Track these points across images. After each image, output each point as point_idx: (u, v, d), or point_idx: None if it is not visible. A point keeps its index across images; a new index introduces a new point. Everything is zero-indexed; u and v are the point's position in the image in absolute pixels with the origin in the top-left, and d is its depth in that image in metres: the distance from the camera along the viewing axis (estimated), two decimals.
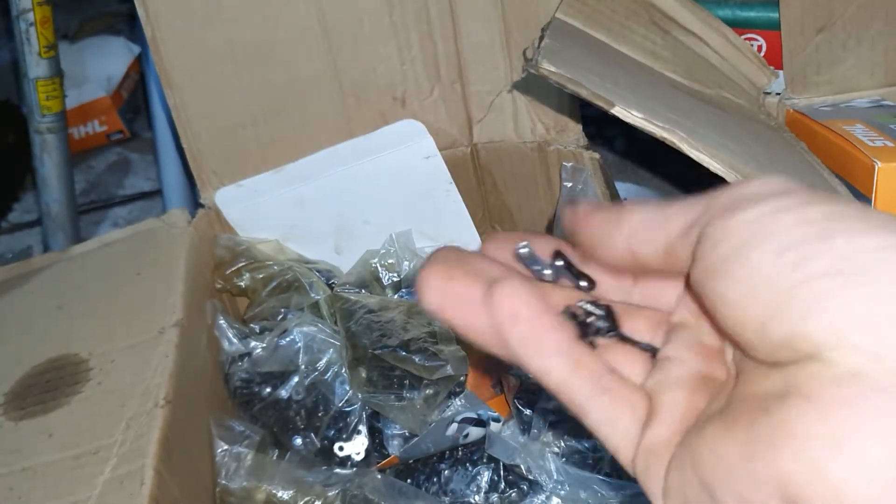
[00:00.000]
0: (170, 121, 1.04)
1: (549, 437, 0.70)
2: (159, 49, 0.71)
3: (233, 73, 0.73)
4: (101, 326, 0.69)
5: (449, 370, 0.66)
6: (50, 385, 0.66)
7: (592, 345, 0.31)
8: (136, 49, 1.50)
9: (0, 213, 1.28)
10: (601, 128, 1.09)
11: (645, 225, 0.29)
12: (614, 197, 0.72)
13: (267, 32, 0.72)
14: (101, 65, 1.45)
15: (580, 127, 0.75)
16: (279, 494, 0.68)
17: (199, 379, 0.69)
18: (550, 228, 0.82)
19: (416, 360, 0.66)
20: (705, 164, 0.39)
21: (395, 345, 0.67)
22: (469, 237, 0.79)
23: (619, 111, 0.38)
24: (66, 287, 0.74)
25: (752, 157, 0.42)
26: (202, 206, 0.78)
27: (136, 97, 1.49)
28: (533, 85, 0.74)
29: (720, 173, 0.39)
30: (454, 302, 0.31)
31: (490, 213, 0.84)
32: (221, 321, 0.73)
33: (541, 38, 0.56)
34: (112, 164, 1.41)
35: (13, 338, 0.71)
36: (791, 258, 0.23)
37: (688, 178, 0.44)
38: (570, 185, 0.72)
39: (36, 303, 0.73)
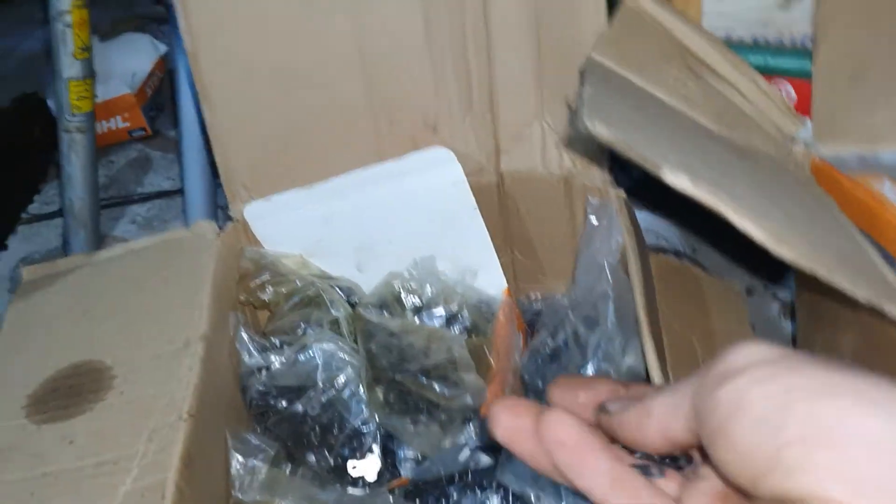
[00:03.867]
0: (200, 124, 1.05)
1: None
2: (199, 64, 0.72)
3: (269, 91, 0.74)
4: (127, 334, 0.69)
5: (468, 400, 0.67)
6: (73, 390, 0.67)
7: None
8: (163, 48, 1.51)
9: (22, 204, 1.29)
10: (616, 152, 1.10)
11: (668, 412, 0.32)
12: (638, 235, 0.73)
13: (306, 54, 0.72)
14: (127, 61, 1.46)
15: (607, 163, 0.76)
16: None
17: (220, 392, 0.70)
18: (571, 261, 0.83)
19: (437, 387, 0.67)
20: (750, 234, 0.40)
21: (415, 370, 0.68)
22: (489, 263, 0.80)
23: (666, 175, 0.39)
24: (92, 292, 0.75)
25: (789, 221, 0.43)
26: (221, 208, 0.79)
27: (159, 95, 1.50)
28: (564, 120, 0.75)
29: (761, 242, 0.40)
30: (515, 434, 0.35)
31: (511, 240, 0.85)
32: (243, 333, 0.74)
33: (581, 83, 0.57)
34: (133, 161, 1.42)
35: (38, 340, 0.72)
36: (765, 429, 0.27)
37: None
38: (595, 221, 0.73)
39: (61, 306, 0.74)
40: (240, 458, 0.70)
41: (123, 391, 0.65)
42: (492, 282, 0.81)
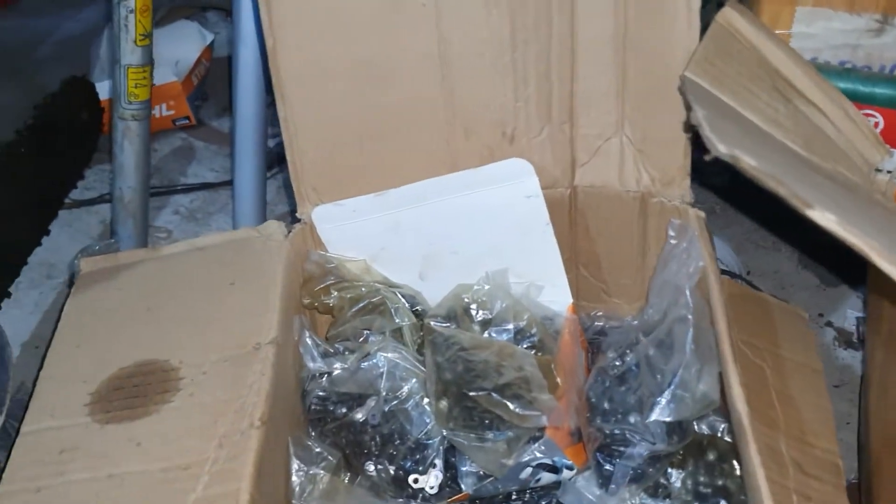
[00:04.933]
0: (256, 119, 1.04)
1: (626, 493, 0.70)
2: (277, 60, 0.71)
3: (346, 92, 0.72)
4: (194, 335, 0.68)
5: (544, 420, 0.66)
6: (138, 390, 0.65)
7: None
8: (210, 36, 1.50)
9: (66, 189, 1.28)
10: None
11: None
12: (713, 256, 0.71)
13: (386, 56, 0.71)
14: (174, 49, 1.44)
15: (687, 182, 0.74)
16: None
17: (286, 397, 0.68)
18: (637, 281, 0.81)
19: (511, 406, 0.66)
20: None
21: (489, 388, 0.66)
22: (557, 279, 0.78)
23: (815, 214, 0.37)
24: (155, 288, 0.73)
25: None
26: (283, 208, 0.77)
27: (204, 84, 1.49)
28: (648, 134, 0.74)
29: None
30: None
31: (577, 256, 0.83)
32: (307, 338, 0.73)
33: (686, 103, 0.55)
34: (176, 150, 1.41)
35: (100, 335, 0.70)
36: None
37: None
38: (675, 241, 0.71)
39: (124, 301, 0.73)
40: (302, 465, 0.69)
41: (191, 394, 0.64)
42: (557, 298, 0.79)
